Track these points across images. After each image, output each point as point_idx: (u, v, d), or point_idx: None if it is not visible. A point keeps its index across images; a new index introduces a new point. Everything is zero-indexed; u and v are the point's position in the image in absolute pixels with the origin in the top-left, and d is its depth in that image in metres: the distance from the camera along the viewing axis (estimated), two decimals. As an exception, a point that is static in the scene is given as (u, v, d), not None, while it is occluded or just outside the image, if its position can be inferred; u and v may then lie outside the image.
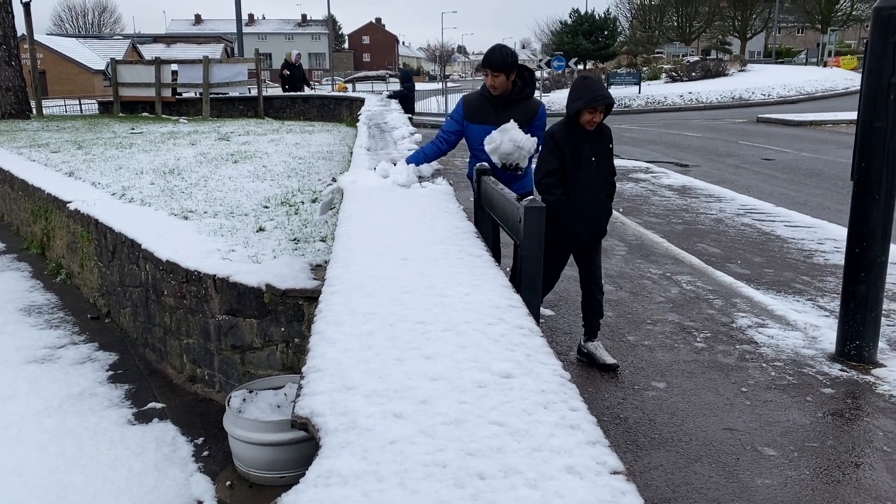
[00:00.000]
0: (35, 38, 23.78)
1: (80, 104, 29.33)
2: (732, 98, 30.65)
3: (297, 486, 1.46)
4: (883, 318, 4.93)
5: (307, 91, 22.22)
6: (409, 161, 5.20)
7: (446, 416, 1.73)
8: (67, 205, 7.60)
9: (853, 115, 4.74)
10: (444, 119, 24.98)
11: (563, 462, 1.55)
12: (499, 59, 4.71)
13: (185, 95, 20.23)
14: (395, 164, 5.21)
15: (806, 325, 5.37)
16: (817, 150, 15.65)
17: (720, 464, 3.59)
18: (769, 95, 31.04)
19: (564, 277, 6.70)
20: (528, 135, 4.62)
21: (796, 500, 3.29)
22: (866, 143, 4.57)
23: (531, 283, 3.12)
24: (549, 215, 3.64)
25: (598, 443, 1.63)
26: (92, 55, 50.05)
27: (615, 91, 33.13)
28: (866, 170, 4.58)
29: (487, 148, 4.65)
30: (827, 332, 5.19)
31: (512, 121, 4.60)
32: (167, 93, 19.58)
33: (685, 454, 3.70)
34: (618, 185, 5.31)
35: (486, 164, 4.58)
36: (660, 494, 3.37)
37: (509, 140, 4.55)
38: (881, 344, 4.86)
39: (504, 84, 4.75)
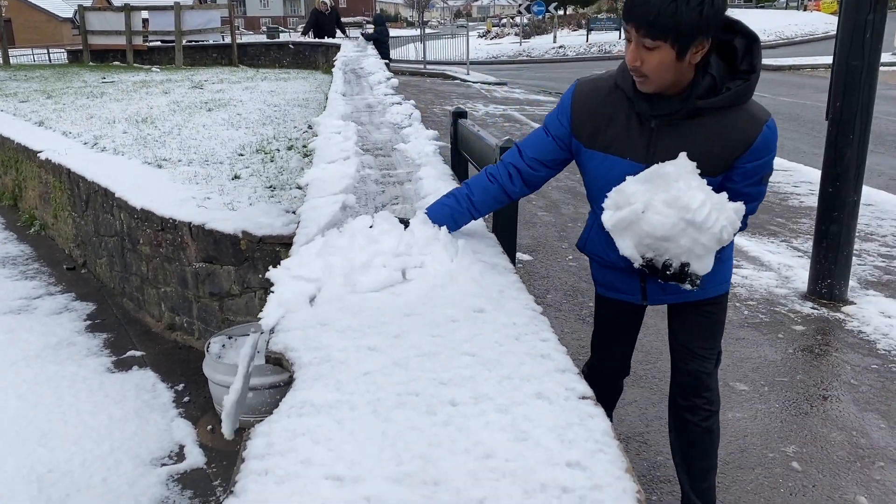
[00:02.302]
0: (-2, -17, 22.93)
1: (49, 53, 28.50)
2: (713, 43, 30.42)
3: (270, 417, 1.47)
4: (854, 258, 5.01)
5: (340, 37, 19.63)
6: (435, 215, 2.42)
7: (419, 349, 1.75)
8: (38, 154, 7.45)
9: (831, 59, 4.72)
10: (421, 66, 24.06)
11: (532, 388, 1.57)
12: (668, 7, 1.87)
13: (155, 44, 19.69)
14: (388, 218, 2.44)
15: (779, 266, 5.45)
16: (795, 95, 15.66)
17: (693, 399, 3.67)
18: (749, 40, 30.80)
19: (542, 223, 6.72)
20: (723, 194, 2.04)
21: (765, 432, 3.38)
22: (842, 82, 4.56)
23: (507, 223, 3.12)
24: None
25: (568, 370, 1.65)
26: (59, 2, 48.48)
27: (594, 37, 32.75)
28: (841, 109, 4.59)
29: (609, 221, 2.10)
30: (799, 272, 5.27)
31: (683, 156, 2.02)
32: (138, 41, 19.05)
33: (659, 391, 3.77)
34: None
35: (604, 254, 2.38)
36: (633, 428, 3.45)
37: (666, 205, 1.99)
38: (851, 283, 4.95)
39: (672, 69, 1.97)
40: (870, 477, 3.06)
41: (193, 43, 19.90)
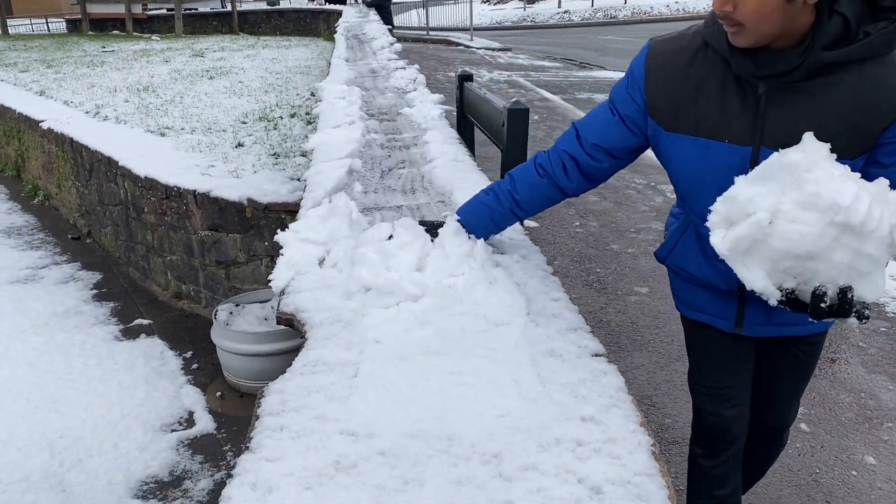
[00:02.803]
0: (-6, -48, 22.68)
1: (48, 23, 28.24)
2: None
3: (284, 375, 1.47)
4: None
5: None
6: (471, 218, 2.00)
7: (437, 304, 1.72)
8: (40, 124, 7.41)
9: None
10: (423, 32, 23.74)
11: (545, 347, 1.56)
12: None
13: (154, 12, 19.50)
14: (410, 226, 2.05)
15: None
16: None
17: (700, 362, 3.68)
18: None
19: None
20: (881, 181, 1.43)
21: (773, 394, 3.39)
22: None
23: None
24: None
25: (580, 329, 1.64)
26: (56, -29, 47.86)
27: (599, 2, 32.33)
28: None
29: (723, 244, 1.49)
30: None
31: (810, 136, 1.46)
32: (137, 9, 18.87)
33: (666, 354, 3.78)
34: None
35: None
36: (641, 391, 3.46)
37: (803, 207, 1.41)
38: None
39: (780, 11, 1.43)
40: (878, 438, 3.07)
41: (192, 10, 19.70)
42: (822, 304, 1.40)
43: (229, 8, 19.99)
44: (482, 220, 1.96)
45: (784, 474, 2.87)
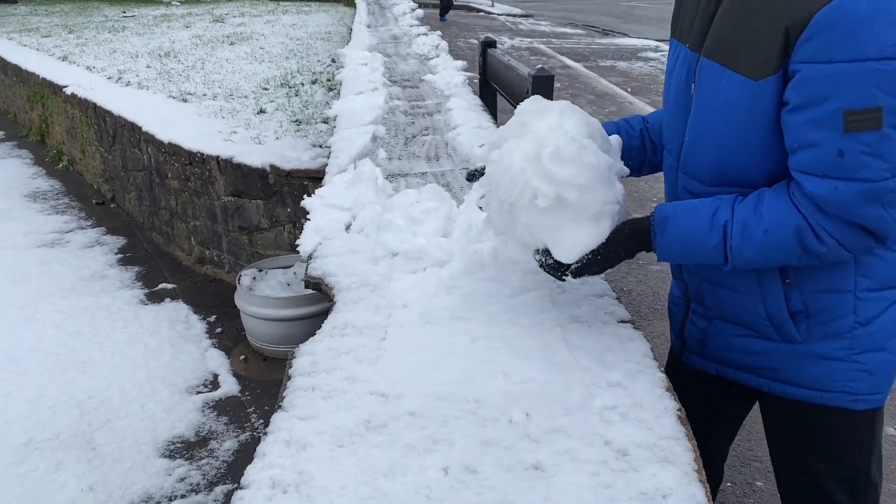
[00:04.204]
0: (14, -85, 22.57)
1: (68, -12, 28.18)
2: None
3: (314, 337, 1.49)
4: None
5: None
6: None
7: (464, 270, 1.73)
8: (63, 89, 7.45)
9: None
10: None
11: (571, 313, 1.57)
12: None
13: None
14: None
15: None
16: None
17: (721, 332, 3.68)
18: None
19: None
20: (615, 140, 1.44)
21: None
22: None
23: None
24: None
25: (606, 295, 1.65)
26: (75, -65, 47.67)
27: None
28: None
29: (476, 202, 1.62)
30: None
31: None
32: (157, -26, 18.75)
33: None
34: (626, 64, 4.06)
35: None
36: (662, 360, 3.46)
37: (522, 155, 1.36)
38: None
39: None
40: (899, 409, 3.07)
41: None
42: (541, 265, 1.40)
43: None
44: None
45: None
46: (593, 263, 1.34)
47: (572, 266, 1.35)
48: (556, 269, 1.38)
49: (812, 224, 1.20)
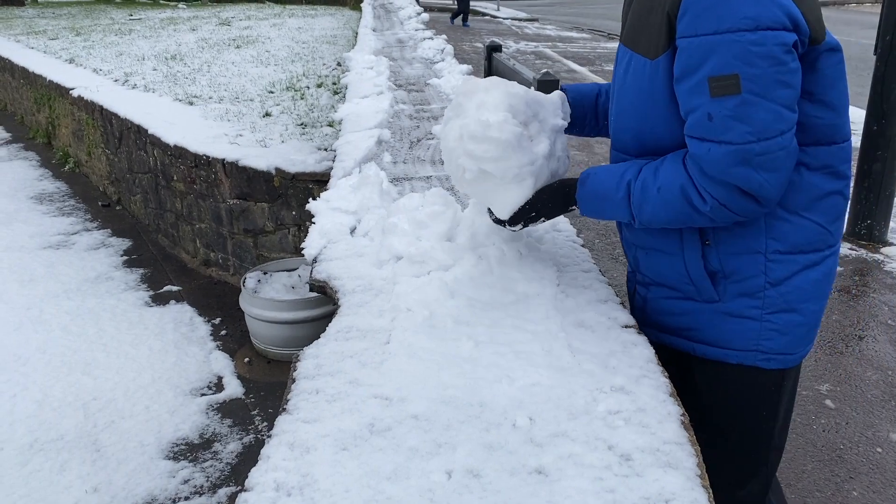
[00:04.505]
0: (23, -82, 22.68)
1: (75, -9, 28.32)
2: (752, -22, 29.27)
3: (319, 340, 1.50)
4: (896, 198, 4.90)
5: None
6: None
7: (468, 274, 1.73)
8: (70, 92, 7.49)
9: (880, -12, 4.52)
10: (450, 2, 23.53)
11: (575, 318, 1.58)
12: None
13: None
14: None
15: (817, 206, 5.36)
16: (839, 32, 15.03)
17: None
18: (791, -25, 29.60)
19: (574, 162, 6.63)
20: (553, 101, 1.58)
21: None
22: (893, 15, 4.39)
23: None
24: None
25: (610, 300, 1.65)
26: (83, -62, 47.88)
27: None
28: (891, 44, 4.42)
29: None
30: (838, 213, 5.18)
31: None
32: (164, -23, 18.86)
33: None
34: None
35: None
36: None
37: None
38: (893, 224, 4.85)
39: None
40: (904, 415, 3.06)
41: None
42: (493, 220, 1.62)
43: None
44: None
45: (808, 449, 2.87)
46: (525, 214, 1.53)
47: (508, 219, 1.55)
48: (501, 223, 1.59)
49: (696, 184, 1.31)
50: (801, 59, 1.29)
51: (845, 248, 4.66)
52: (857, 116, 7.51)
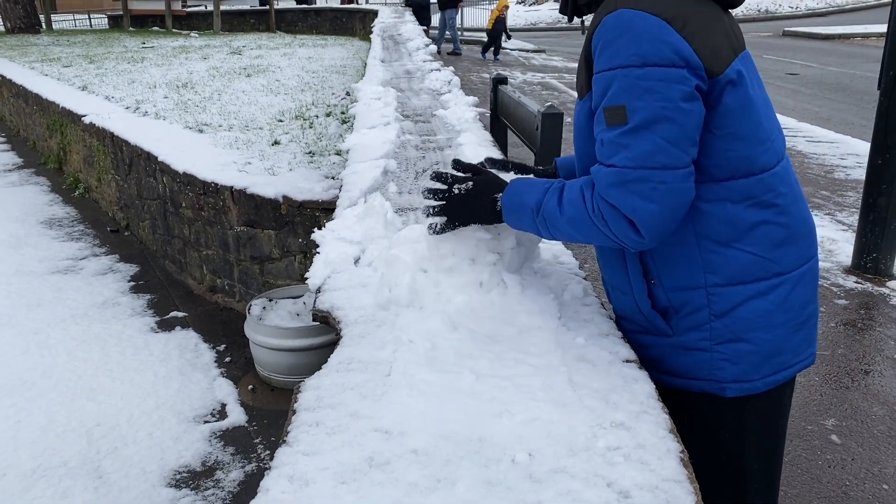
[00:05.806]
0: (41, -51, 23.13)
1: (90, 18, 28.80)
2: (758, 11, 29.56)
3: (320, 372, 1.51)
4: (901, 232, 4.90)
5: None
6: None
7: (470, 306, 1.74)
8: (82, 118, 7.59)
9: (885, 28, 4.57)
10: (458, 32, 23.80)
11: (576, 352, 1.58)
12: None
13: (193, 9, 19.82)
14: None
15: (822, 239, 5.35)
16: (844, 65, 15.20)
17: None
18: (797, 8, 29.90)
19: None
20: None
21: (805, 405, 3.36)
22: (896, 50, 4.43)
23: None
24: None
25: (611, 334, 1.66)
26: (99, -32, 48.73)
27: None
28: (894, 80, 4.46)
29: None
30: (844, 246, 5.17)
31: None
32: (177, 6, 19.19)
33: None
34: None
35: None
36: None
37: None
38: (898, 257, 4.85)
39: None
40: (911, 452, 3.03)
41: (230, 8, 19.98)
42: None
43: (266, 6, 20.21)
44: None
45: (813, 485, 2.85)
46: (447, 220, 1.64)
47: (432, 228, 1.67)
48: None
49: (592, 193, 1.41)
50: (706, 98, 1.38)
51: (850, 282, 4.65)
52: (861, 150, 7.54)
